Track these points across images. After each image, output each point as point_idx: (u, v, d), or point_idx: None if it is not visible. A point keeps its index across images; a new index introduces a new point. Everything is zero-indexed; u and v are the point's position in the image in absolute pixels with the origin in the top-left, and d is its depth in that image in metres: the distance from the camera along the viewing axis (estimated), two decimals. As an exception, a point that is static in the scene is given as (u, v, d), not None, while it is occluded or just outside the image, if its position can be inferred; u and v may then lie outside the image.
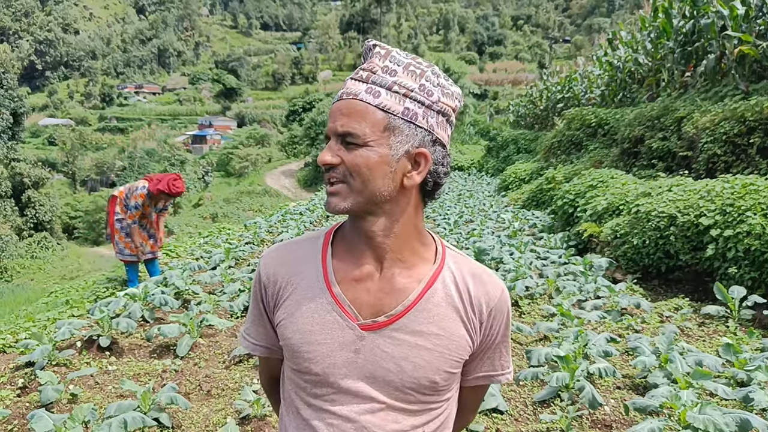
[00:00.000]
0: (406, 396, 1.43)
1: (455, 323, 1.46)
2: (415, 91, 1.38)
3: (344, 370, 1.42)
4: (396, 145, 1.37)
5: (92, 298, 8.47)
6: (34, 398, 4.56)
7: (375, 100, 1.35)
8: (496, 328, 1.53)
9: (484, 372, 1.61)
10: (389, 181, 1.37)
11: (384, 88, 1.36)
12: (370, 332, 1.42)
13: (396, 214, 1.43)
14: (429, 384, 1.43)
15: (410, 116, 1.38)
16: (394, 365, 1.41)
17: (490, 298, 1.50)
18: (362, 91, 1.36)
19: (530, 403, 4.63)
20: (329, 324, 1.44)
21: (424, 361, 1.42)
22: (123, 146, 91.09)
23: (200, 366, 5.45)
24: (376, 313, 1.43)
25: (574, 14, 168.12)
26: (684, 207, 7.78)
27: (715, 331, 6.15)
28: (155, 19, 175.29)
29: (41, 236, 40.72)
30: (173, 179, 7.93)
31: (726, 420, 3.41)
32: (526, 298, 7.42)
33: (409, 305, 1.43)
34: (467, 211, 16.50)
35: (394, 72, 1.38)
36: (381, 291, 1.44)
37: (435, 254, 1.52)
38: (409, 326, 1.42)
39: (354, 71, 1.42)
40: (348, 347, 1.42)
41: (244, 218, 26.40)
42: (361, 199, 1.37)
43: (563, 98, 30.51)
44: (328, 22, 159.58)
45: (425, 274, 1.47)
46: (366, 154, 1.35)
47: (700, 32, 14.67)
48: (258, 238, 11.89)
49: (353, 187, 1.37)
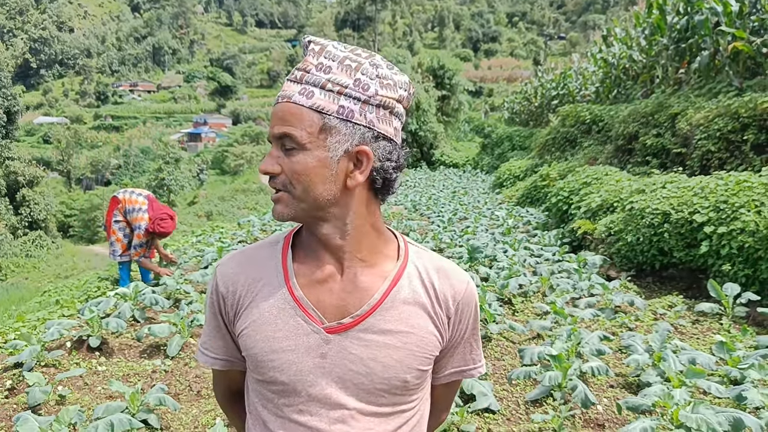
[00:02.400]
0: (377, 399, 1.39)
1: (423, 320, 1.42)
2: (349, 87, 1.32)
3: (312, 376, 1.37)
4: (334, 146, 1.32)
5: (83, 297, 8.42)
6: (22, 400, 4.52)
7: (308, 101, 1.31)
8: (465, 323, 1.51)
9: (456, 367, 1.58)
10: (331, 184, 1.33)
11: (317, 87, 1.32)
12: (336, 335, 1.38)
13: (346, 215, 1.38)
14: (400, 384, 1.39)
15: (346, 114, 1.32)
16: (363, 367, 1.37)
17: (456, 291, 1.46)
18: (296, 92, 1.32)
19: (522, 402, 4.60)
20: (293, 329, 1.39)
21: (394, 361, 1.38)
22: (118, 144, 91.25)
23: (190, 366, 5.41)
24: (341, 315, 1.39)
25: (569, 11, 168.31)
26: (678, 204, 7.76)
27: (708, 328, 6.13)
28: (150, 17, 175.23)
29: (36, 235, 40.70)
30: (160, 218, 7.83)
31: (719, 419, 3.38)
32: (520, 295, 7.39)
33: (375, 304, 1.39)
34: (461, 208, 16.46)
35: (329, 69, 1.33)
36: (344, 291, 1.40)
37: (398, 251, 1.48)
38: (377, 326, 1.38)
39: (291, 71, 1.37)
40: (314, 352, 1.38)
41: (239, 216, 26.37)
42: (304, 205, 1.35)
43: (558, 95, 30.51)
44: (323, 19, 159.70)
45: (389, 272, 1.43)
46: (304, 160, 1.31)
47: (694, 29, 14.67)
48: (251, 236, 11.84)
49: (295, 194, 1.34)
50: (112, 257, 8.17)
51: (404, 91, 1.39)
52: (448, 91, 38.47)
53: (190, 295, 7.13)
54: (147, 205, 7.93)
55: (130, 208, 7.89)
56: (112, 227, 7.97)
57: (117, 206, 7.95)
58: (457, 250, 9.52)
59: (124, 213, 7.92)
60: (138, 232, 7.84)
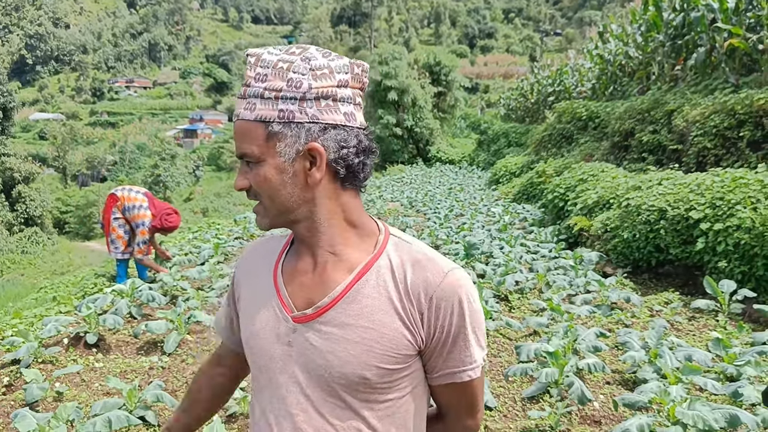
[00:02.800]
0: (338, 392, 1.36)
1: (388, 316, 1.36)
2: (283, 89, 1.33)
3: (280, 363, 1.42)
4: (284, 150, 1.34)
5: (80, 294, 8.41)
6: (19, 396, 4.52)
7: (251, 114, 1.35)
8: (447, 319, 1.37)
9: (447, 370, 1.43)
10: (292, 187, 1.37)
11: (258, 98, 1.35)
12: (301, 324, 1.40)
13: (314, 213, 1.40)
14: (359, 380, 1.34)
15: (287, 117, 1.33)
16: (321, 359, 1.36)
17: (428, 285, 1.36)
18: (242, 109, 1.38)
19: (519, 399, 4.61)
20: (268, 316, 1.46)
21: (351, 356, 1.34)
22: (114, 141, 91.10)
23: (188, 363, 5.41)
24: (307, 305, 1.41)
25: (565, 7, 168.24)
26: (674, 200, 7.77)
27: (704, 325, 6.14)
28: (146, 13, 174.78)
29: (32, 231, 40.59)
30: (166, 213, 7.94)
31: (715, 415, 3.39)
32: (516, 292, 7.40)
33: (336, 297, 1.37)
34: (458, 205, 16.47)
35: (265, 77, 1.35)
36: (313, 283, 1.43)
37: (375, 244, 1.44)
38: (337, 318, 1.37)
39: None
40: (282, 339, 1.42)
41: (234, 213, 26.33)
42: (275, 212, 1.41)
43: (554, 91, 30.53)
44: (319, 15, 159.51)
45: (357, 265, 1.40)
46: (262, 171, 1.36)
47: (690, 25, 14.67)
48: (248, 232, 11.83)
49: (265, 204, 1.41)
50: (113, 255, 8.15)
51: (344, 74, 1.37)
52: (444, 88, 38.43)
53: (187, 292, 7.13)
54: (147, 202, 7.94)
55: (130, 206, 7.88)
56: (112, 224, 7.95)
57: (115, 204, 7.94)
58: (453, 247, 9.53)
59: (123, 210, 7.91)
60: (142, 229, 7.85)
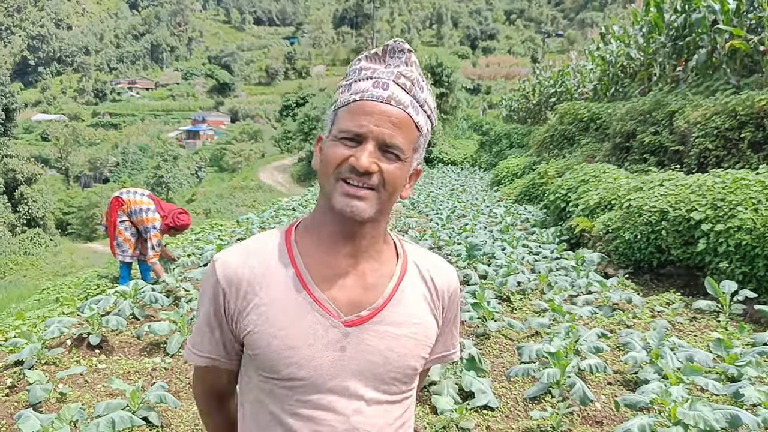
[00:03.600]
0: (390, 387, 1.46)
1: (425, 311, 1.54)
2: (433, 112, 1.43)
3: (331, 370, 1.40)
4: (414, 162, 1.44)
5: (83, 295, 8.43)
6: (23, 398, 4.53)
7: (416, 116, 1.38)
8: (453, 311, 1.64)
9: (440, 353, 1.68)
10: (398, 192, 1.42)
11: (419, 105, 1.40)
12: (354, 328, 1.42)
13: (383, 220, 1.48)
14: (411, 371, 1.50)
15: (427, 136, 1.45)
16: (380, 357, 1.43)
17: (450, 284, 1.60)
18: (409, 104, 1.37)
19: (521, 399, 4.62)
20: (311, 325, 1.40)
21: (406, 350, 1.47)
22: (116, 142, 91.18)
23: (190, 364, 5.42)
24: (356, 309, 1.44)
25: (567, 8, 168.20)
26: (675, 202, 7.78)
27: (706, 325, 6.15)
28: (148, 15, 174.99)
29: (34, 232, 40.69)
30: (178, 212, 8.02)
31: (716, 416, 3.40)
32: (518, 293, 7.40)
33: (387, 297, 1.47)
34: (460, 206, 16.47)
35: (422, 88, 1.41)
36: (357, 287, 1.45)
37: (396, 250, 1.57)
38: (390, 318, 1.46)
39: (390, 72, 1.39)
40: (333, 346, 1.41)
41: (237, 214, 26.38)
42: (382, 207, 1.41)
43: (556, 92, 30.52)
44: (321, 16, 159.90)
45: (393, 268, 1.53)
46: (401, 168, 1.38)
47: (691, 27, 14.68)
48: (250, 233, 11.84)
49: (382, 196, 1.38)
50: (119, 258, 8.14)
51: None
52: (446, 89, 38.45)
53: (190, 293, 7.15)
54: (153, 205, 7.96)
55: (137, 209, 7.89)
56: (119, 228, 7.95)
57: (121, 207, 7.94)
58: (455, 248, 9.53)
59: (129, 214, 7.92)
60: (155, 232, 7.86)
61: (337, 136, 1.37)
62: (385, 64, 1.41)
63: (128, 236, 7.95)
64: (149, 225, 7.84)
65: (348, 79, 1.43)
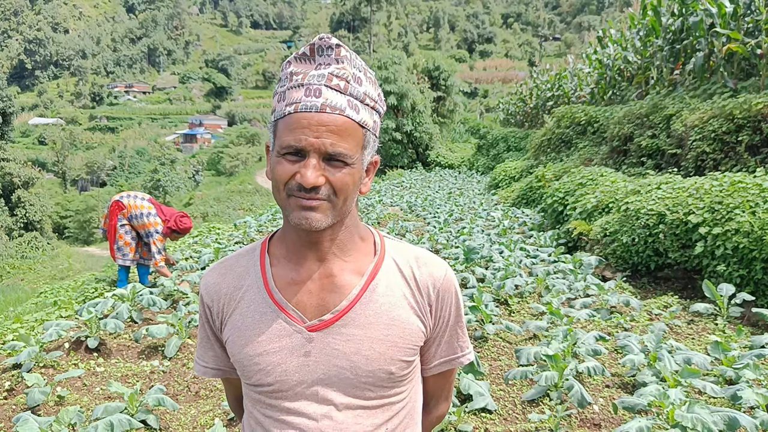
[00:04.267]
0: (363, 392, 1.42)
1: (404, 311, 1.45)
2: (377, 101, 1.38)
3: (297, 375, 1.41)
4: (365, 158, 1.38)
5: (80, 298, 8.43)
6: (21, 401, 4.53)
7: (357, 115, 1.33)
8: (447, 310, 1.53)
9: (445, 357, 1.59)
10: (355, 192, 1.38)
11: (359, 101, 1.34)
12: (318, 332, 1.41)
13: (346, 218, 1.43)
14: (385, 375, 1.42)
15: (375, 128, 1.39)
16: (346, 361, 1.40)
17: (435, 279, 1.49)
18: (345, 105, 1.31)
19: (519, 402, 4.62)
20: (276, 332, 1.42)
21: (377, 353, 1.40)
22: (113, 146, 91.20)
23: (188, 367, 5.43)
24: (321, 313, 1.42)
25: (564, 12, 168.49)
26: (673, 205, 7.79)
27: (703, 328, 6.16)
28: (145, 18, 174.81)
29: (31, 236, 40.55)
30: (180, 216, 8.03)
31: (714, 418, 3.41)
32: (516, 296, 7.41)
33: (354, 299, 1.42)
34: (457, 209, 16.47)
35: (360, 80, 1.35)
36: (323, 290, 1.44)
37: (374, 247, 1.52)
38: (357, 320, 1.41)
39: (321, 75, 1.33)
40: (298, 351, 1.41)
41: (234, 217, 26.38)
42: (339, 214, 1.37)
43: (553, 96, 30.58)
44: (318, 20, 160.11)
45: (366, 268, 1.47)
46: (351, 173, 1.33)
47: (688, 30, 14.72)
48: (248, 237, 11.86)
49: (335, 204, 1.34)
50: (119, 261, 8.14)
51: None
52: (443, 93, 38.52)
53: (188, 296, 7.15)
54: (154, 209, 7.96)
55: (137, 214, 7.90)
56: (119, 232, 7.96)
57: (121, 211, 7.95)
58: (453, 251, 9.54)
59: (129, 218, 7.93)
60: (158, 236, 7.88)
61: (280, 152, 1.33)
62: (315, 64, 1.35)
63: (128, 240, 7.96)
64: (151, 229, 7.85)
65: (281, 85, 1.39)
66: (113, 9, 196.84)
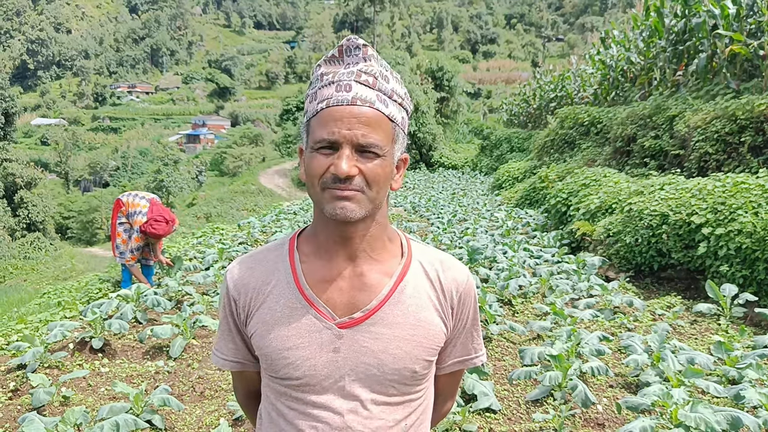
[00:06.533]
0: (387, 389, 1.46)
1: (429, 312, 1.51)
2: (404, 99, 1.44)
3: (325, 371, 1.44)
4: (395, 154, 1.44)
5: (85, 299, 8.45)
6: (26, 401, 4.55)
7: (386, 109, 1.39)
8: (467, 313, 1.60)
9: (459, 357, 1.66)
10: (387, 187, 1.44)
11: (387, 97, 1.40)
12: (348, 329, 1.45)
13: (377, 213, 1.47)
14: (410, 374, 1.47)
15: (404, 124, 1.45)
16: (374, 359, 1.44)
17: (458, 283, 1.56)
18: (375, 99, 1.38)
19: (523, 402, 4.63)
20: (306, 327, 1.46)
21: (403, 352, 1.46)
22: (116, 146, 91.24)
23: (193, 367, 5.44)
24: (351, 311, 1.46)
25: (567, 13, 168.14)
26: (676, 205, 7.80)
27: (707, 328, 6.16)
28: (148, 18, 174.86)
29: (34, 237, 40.57)
30: (155, 220, 7.80)
31: (717, 418, 3.42)
32: (519, 297, 7.41)
33: (383, 299, 1.47)
34: (461, 210, 16.48)
35: (387, 78, 1.42)
36: (353, 288, 1.47)
37: (401, 248, 1.57)
38: (386, 319, 1.46)
39: (350, 72, 1.40)
40: (327, 347, 1.45)
41: (238, 218, 26.37)
42: (372, 206, 1.41)
43: (556, 97, 30.58)
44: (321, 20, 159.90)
45: (395, 268, 1.52)
46: (383, 165, 1.39)
47: (691, 31, 14.72)
48: (252, 238, 11.86)
49: (369, 196, 1.39)
50: (118, 259, 8.17)
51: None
52: (446, 93, 38.57)
53: (192, 297, 7.16)
54: (147, 209, 7.95)
55: (132, 212, 7.92)
56: (117, 230, 7.99)
57: (120, 209, 7.98)
58: (456, 252, 9.53)
59: (128, 215, 7.95)
60: (136, 235, 7.85)
61: (314, 147, 1.39)
62: (344, 64, 1.43)
63: (126, 238, 7.97)
64: (136, 227, 7.85)
65: (312, 88, 1.45)
66: (116, 9, 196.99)
